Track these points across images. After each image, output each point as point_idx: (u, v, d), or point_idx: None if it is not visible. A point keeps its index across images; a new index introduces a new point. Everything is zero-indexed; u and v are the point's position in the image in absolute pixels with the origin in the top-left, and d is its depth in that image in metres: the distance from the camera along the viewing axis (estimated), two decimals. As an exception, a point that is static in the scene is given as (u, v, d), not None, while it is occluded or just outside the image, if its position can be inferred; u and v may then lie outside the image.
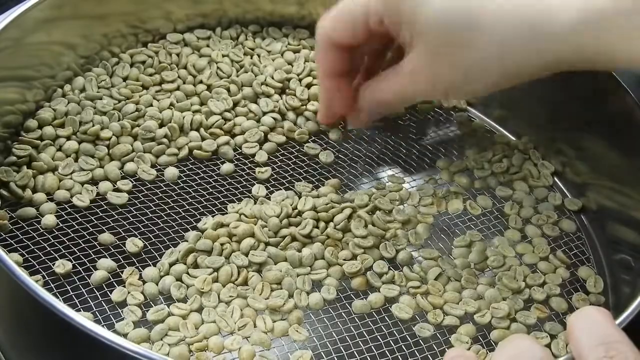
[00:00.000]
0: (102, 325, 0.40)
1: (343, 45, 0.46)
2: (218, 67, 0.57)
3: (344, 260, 0.47)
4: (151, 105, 0.55)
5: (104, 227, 0.48)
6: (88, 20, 0.56)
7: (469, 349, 0.43)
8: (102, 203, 0.49)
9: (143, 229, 0.48)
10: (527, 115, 0.58)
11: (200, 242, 0.47)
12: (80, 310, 0.43)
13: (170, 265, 0.46)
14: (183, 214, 0.49)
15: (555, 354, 0.43)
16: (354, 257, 0.47)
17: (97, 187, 0.50)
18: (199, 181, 0.52)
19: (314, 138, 0.56)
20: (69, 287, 0.44)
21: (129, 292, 0.44)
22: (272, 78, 0.57)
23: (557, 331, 0.45)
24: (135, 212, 0.49)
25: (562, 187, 0.56)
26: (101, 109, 0.53)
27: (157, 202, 0.50)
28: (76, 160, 0.51)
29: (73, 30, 0.55)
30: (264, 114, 0.56)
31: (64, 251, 0.46)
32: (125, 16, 0.58)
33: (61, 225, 0.47)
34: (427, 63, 0.43)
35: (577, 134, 0.55)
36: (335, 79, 0.48)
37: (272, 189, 0.52)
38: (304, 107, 0.57)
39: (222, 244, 0.47)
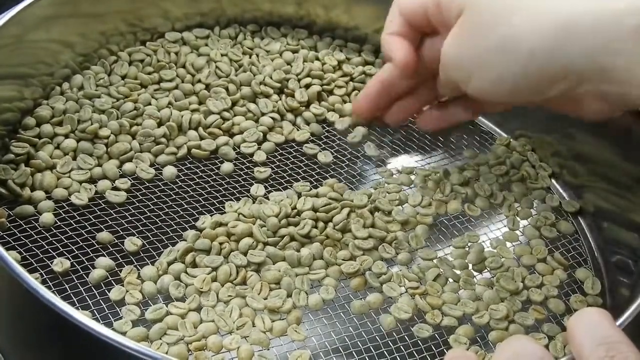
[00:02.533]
0: (101, 324, 0.40)
1: (413, 27, 0.48)
2: (217, 67, 0.57)
3: (343, 260, 0.47)
4: (149, 104, 0.55)
5: (102, 226, 0.47)
6: (86, 18, 0.56)
7: (467, 349, 0.43)
8: (100, 202, 0.49)
9: (141, 228, 0.48)
10: (525, 118, 0.58)
11: (199, 241, 0.47)
12: (78, 309, 0.42)
13: (169, 264, 0.45)
14: (182, 212, 0.49)
15: (553, 356, 0.43)
16: (353, 257, 0.47)
17: (95, 186, 0.50)
18: (198, 180, 0.52)
19: (312, 138, 0.56)
20: (67, 286, 0.44)
21: (127, 291, 0.44)
22: (271, 78, 0.57)
23: (555, 332, 0.45)
24: (133, 211, 0.49)
25: (560, 189, 0.56)
26: (99, 107, 0.53)
27: (156, 201, 0.50)
28: (74, 158, 0.51)
29: (71, 28, 0.55)
30: (263, 114, 0.56)
31: (62, 249, 0.46)
32: (122, 14, 0.58)
33: (59, 223, 0.47)
34: (456, 40, 0.44)
35: (575, 136, 0.55)
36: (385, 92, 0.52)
37: (270, 189, 0.52)
38: (303, 107, 0.57)
39: (220, 244, 0.47)
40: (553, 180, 0.56)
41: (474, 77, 0.44)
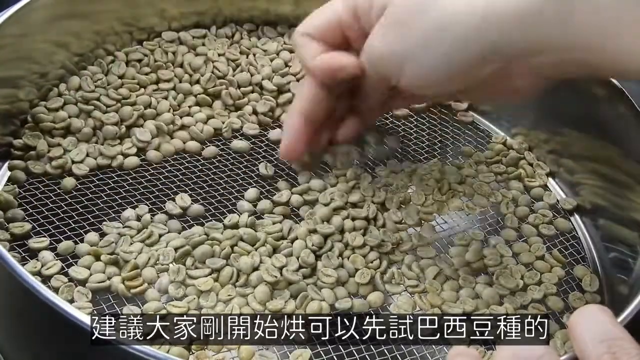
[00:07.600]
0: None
1: (326, 44, 0.47)
2: (214, 66, 0.57)
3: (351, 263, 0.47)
4: (150, 104, 0.55)
5: (100, 226, 0.47)
6: (81, 18, 0.55)
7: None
8: (98, 201, 0.49)
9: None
10: (522, 116, 0.58)
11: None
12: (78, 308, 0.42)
13: (169, 263, 0.45)
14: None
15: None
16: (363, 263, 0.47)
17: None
18: (196, 180, 0.52)
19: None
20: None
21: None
22: (269, 79, 0.57)
23: (554, 330, 0.45)
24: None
25: (557, 187, 0.56)
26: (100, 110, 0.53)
27: (155, 200, 0.50)
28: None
29: (66, 28, 0.54)
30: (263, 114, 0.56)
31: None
32: (117, 13, 0.57)
33: (58, 223, 0.47)
34: (385, 31, 0.43)
35: (571, 134, 0.55)
36: (310, 123, 0.49)
37: (271, 189, 0.52)
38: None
39: (220, 242, 0.46)
40: (550, 178, 0.57)
41: (406, 67, 0.43)
